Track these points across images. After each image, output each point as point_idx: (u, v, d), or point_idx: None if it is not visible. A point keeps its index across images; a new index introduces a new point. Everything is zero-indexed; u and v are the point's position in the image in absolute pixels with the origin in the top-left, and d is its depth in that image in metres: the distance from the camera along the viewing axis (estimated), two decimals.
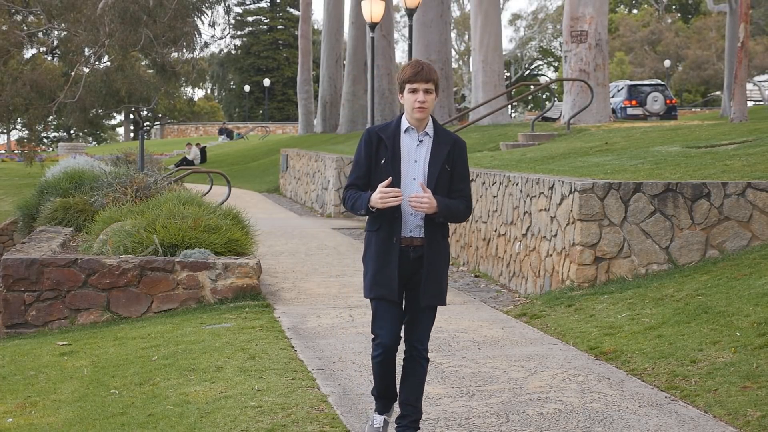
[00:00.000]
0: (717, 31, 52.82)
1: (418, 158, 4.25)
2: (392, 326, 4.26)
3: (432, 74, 4.20)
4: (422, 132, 4.27)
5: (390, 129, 4.28)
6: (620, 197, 7.95)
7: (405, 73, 4.22)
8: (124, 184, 10.85)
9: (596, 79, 17.93)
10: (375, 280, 4.24)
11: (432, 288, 4.26)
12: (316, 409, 4.92)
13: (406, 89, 4.22)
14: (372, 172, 4.26)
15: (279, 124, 58.65)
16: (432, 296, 4.28)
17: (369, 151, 4.27)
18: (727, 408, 4.75)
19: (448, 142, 4.27)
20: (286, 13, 66.23)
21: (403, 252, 4.24)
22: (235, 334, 6.92)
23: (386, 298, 4.23)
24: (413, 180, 4.22)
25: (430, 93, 4.21)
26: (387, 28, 27.74)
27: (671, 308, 6.68)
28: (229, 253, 8.77)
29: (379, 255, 4.23)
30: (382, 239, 4.23)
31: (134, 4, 27.79)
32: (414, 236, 4.24)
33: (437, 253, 4.27)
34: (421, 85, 4.19)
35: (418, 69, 4.20)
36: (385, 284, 4.22)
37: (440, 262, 4.29)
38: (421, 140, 4.27)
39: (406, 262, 4.24)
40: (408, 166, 4.23)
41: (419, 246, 4.24)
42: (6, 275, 8.16)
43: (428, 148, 4.25)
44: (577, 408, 4.96)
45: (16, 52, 31.20)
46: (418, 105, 4.19)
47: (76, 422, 5.03)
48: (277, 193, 24.28)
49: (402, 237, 4.23)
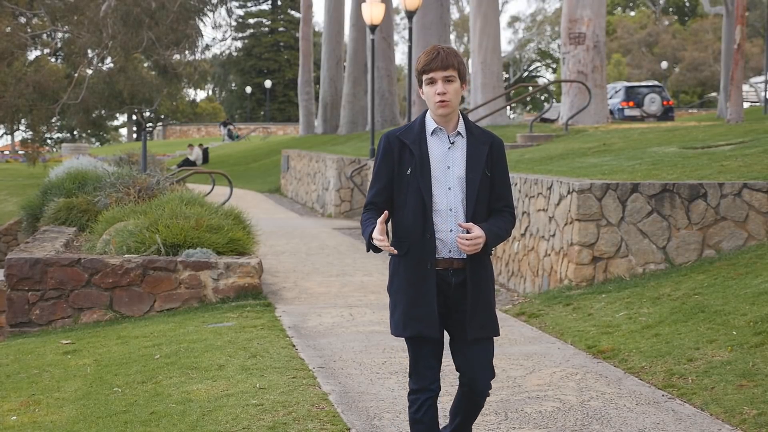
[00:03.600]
0: (713, 33, 52.87)
1: (452, 164, 3.53)
2: (436, 372, 3.56)
3: (451, 59, 3.48)
4: (453, 132, 3.55)
5: (413, 132, 3.56)
6: (618, 197, 8.00)
7: (420, 62, 3.52)
8: (127, 185, 10.90)
9: (594, 80, 17.99)
10: (410, 314, 3.51)
11: (480, 317, 3.55)
12: (317, 407, 4.94)
13: (424, 81, 3.52)
14: (396, 186, 3.54)
15: (280, 125, 58.67)
16: (481, 327, 3.56)
17: (390, 160, 3.54)
18: (723, 406, 4.76)
19: (485, 142, 3.57)
20: (287, 15, 66.24)
21: (442, 277, 3.52)
22: (236, 332, 6.97)
23: (425, 336, 3.50)
24: (448, 190, 3.51)
25: (452, 82, 3.48)
26: (387, 30, 27.79)
27: (668, 307, 6.72)
28: (231, 252, 8.82)
29: (411, 284, 3.51)
30: (413, 265, 3.51)
31: (137, 7, 27.87)
32: (453, 257, 3.52)
33: (483, 275, 3.56)
34: (438, 74, 3.47)
35: (434, 55, 3.48)
36: (424, 318, 3.49)
37: (487, 286, 3.58)
38: (453, 142, 3.55)
39: (447, 289, 3.54)
40: (440, 175, 3.52)
41: (460, 269, 3.53)
42: (10, 274, 8.21)
43: (463, 150, 3.54)
44: (575, 406, 4.98)
45: (20, 53, 31.27)
46: (439, 98, 3.48)
47: (80, 420, 5.05)
48: (278, 194, 24.33)
49: (438, 259, 3.52)
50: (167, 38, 29.38)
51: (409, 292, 3.51)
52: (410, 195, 3.50)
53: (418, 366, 3.55)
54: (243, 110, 67.99)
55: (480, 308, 3.54)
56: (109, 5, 28.09)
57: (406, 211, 3.52)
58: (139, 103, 32.03)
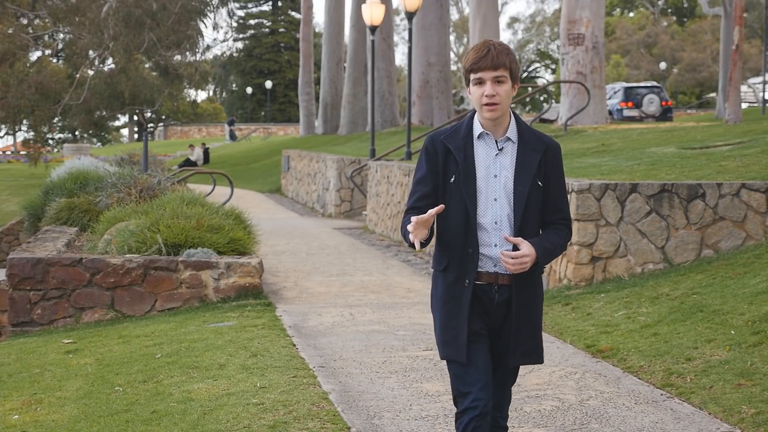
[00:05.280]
0: (712, 34, 52.93)
1: (499, 172, 3.21)
2: (482, 389, 3.21)
3: (503, 58, 3.15)
4: (502, 137, 3.23)
5: (460, 135, 3.24)
6: (617, 197, 8.03)
7: (468, 60, 3.21)
8: (129, 185, 10.93)
9: (593, 81, 18.03)
10: (443, 336, 3.25)
11: (524, 342, 3.25)
12: (317, 406, 4.95)
13: (471, 80, 3.20)
14: (441, 193, 3.23)
15: (281, 126, 58.73)
16: (524, 354, 3.27)
17: (434, 164, 3.24)
18: (721, 405, 4.77)
19: (538, 148, 3.23)
20: (287, 16, 66.30)
21: (486, 294, 3.22)
22: (237, 332, 6.98)
23: (459, 360, 3.23)
24: (494, 201, 3.20)
25: (502, 83, 3.16)
26: (387, 31, 27.83)
27: (667, 307, 6.74)
28: (232, 252, 8.85)
29: (446, 303, 3.24)
30: (450, 283, 3.23)
31: (138, 8, 27.92)
32: (499, 272, 3.21)
33: (531, 293, 3.25)
34: (487, 74, 3.15)
35: (483, 52, 3.16)
36: (454, 342, 3.22)
37: (536, 307, 3.27)
38: (501, 148, 3.23)
39: (488, 306, 3.23)
40: (486, 185, 3.21)
41: (505, 285, 3.21)
42: (12, 274, 8.24)
43: (512, 157, 3.22)
44: (574, 405, 4.99)
45: (22, 54, 31.32)
46: (487, 100, 3.16)
47: (81, 419, 5.06)
48: (278, 194, 24.37)
49: (481, 273, 3.20)
50: (168, 39, 29.43)
51: (443, 310, 3.25)
52: (453, 205, 3.19)
53: (460, 388, 3.24)
54: (244, 111, 68.04)
55: (525, 332, 3.24)
56: (110, 6, 28.14)
57: (448, 222, 3.21)
58: (141, 103, 32.06)
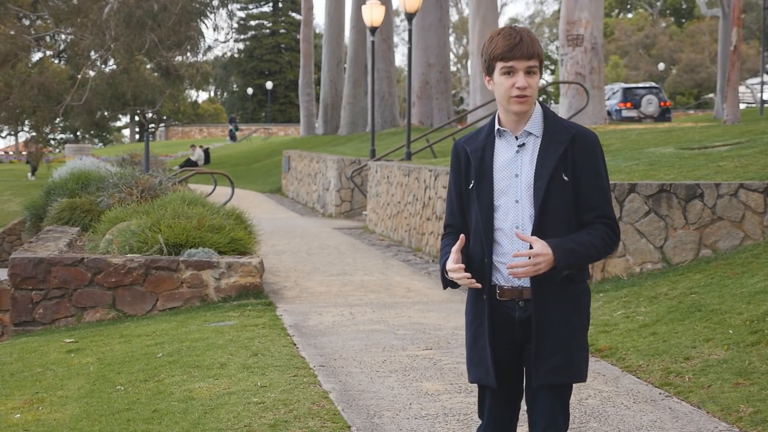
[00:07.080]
0: (710, 35, 52.94)
1: (521, 171, 2.87)
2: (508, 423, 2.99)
3: (536, 47, 2.82)
4: (522, 131, 2.88)
5: (481, 136, 2.94)
6: (615, 198, 8.06)
7: (496, 46, 2.81)
8: (130, 185, 10.96)
9: (592, 81, 18.05)
10: (470, 356, 2.99)
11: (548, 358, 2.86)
12: (318, 405, 4.97)
13: (498, 70, 2.83)
14: (466, 202, 2.94)
15: (281, 126, 58.78)
16: (550, 371, 2.86)
17: (458, 173, 2.96)
18: (720, 404, 4.77)
19: (562, 140, 2.84)
20: (288, 17, 66.35)
21: (507, 310, 2.90)
22: (238, 331, 7.01)
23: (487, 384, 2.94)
24: (515, 203, 2.86)
25: (534, 74, 2.82)
26: (387, 32, 27.87)
27: (665, 306, 6.75)
28: (233, 252, 8.88)
29: (472, 322, 2.98)
30: (473, 300, 2.97)
31: (139, 9, 27.96)
32: (524, 285, 2.87)
33: (556, 305, 2.86)
34: (520, 63, 2.80)
35: (516, 40, 2.80)
36: (480, 363, 2.94)
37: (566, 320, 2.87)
38: (522, 144, 2.88)
39: (510, 326, 2.91)
40: (506, 185, 2.87)
41: (531, 299, 2.87)
42: (14, 274, 8.27)
43: (533, 153, 2.86)
44: (572, 404, 4.96)
45: (24, 55, 31.37)
46: (518, 93, 2.81)
47: (83, 418, 5.08)
48: (279, 194, 24.41)
49: (504, 288, 2.88)
50: (169, 40, 29.47)
51: (470, 330, 2.98)
52: (473, 212, 2.90)
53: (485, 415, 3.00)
54: (244, 111, 68.08)
55: (551, 348, 2.85)
56: (111, 7, 28.19)
57: (471, 232, 2.93)
58: (142, 104, 32.10)
